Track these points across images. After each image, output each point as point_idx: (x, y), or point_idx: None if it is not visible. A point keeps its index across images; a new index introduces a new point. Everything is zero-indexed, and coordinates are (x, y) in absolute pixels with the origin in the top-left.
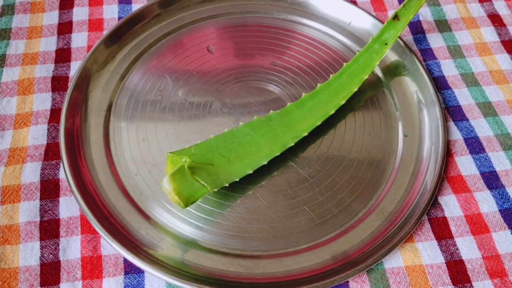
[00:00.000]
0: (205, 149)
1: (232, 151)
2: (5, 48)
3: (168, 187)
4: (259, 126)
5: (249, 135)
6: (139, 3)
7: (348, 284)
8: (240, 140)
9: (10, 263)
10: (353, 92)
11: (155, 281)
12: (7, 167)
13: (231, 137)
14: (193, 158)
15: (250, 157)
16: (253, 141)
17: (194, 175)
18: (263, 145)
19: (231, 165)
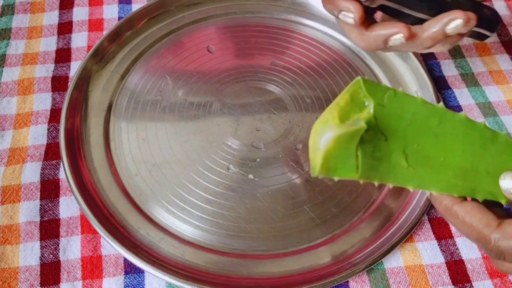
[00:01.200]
0: (394, 113)
1: (419, 143)
2: (5, 48)
3: (324, 144)
4: (472, 138)
5: (452, 136)
6: (139, 3)
7: (348, 284)
8: (437, 134)
9: (10, 263)
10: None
11: (155, 281)
12: (7, 167)
13: (436, 120)
14: (377, 113)
15: (429, 168)
16: (449, 149)
17: (360, 147)
18: (453, 166)
19: (402, 164)
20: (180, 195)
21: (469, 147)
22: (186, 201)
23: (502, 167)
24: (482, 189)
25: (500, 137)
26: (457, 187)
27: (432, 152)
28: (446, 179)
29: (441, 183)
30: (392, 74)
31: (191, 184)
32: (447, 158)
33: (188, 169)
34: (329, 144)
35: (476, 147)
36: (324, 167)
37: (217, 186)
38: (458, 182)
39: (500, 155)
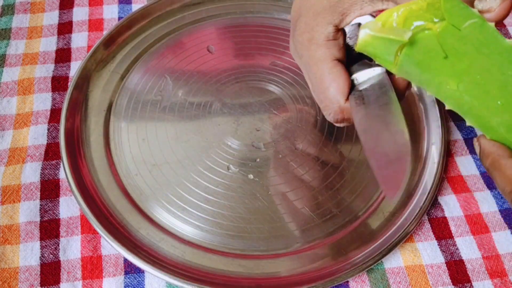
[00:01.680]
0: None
1: (483, 77)
2: (5, 48)
3: (361, 35)
4: None
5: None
6: (139, 3)
7: (348, 284)
8: (509, 82)
9: (10, 263)
10: None
11: (155, 281)
12: (7, 167)
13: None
14: (446, 33)
15: (481, 102)
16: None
17: (408, 49)
18: (507, 109)
19: (450, 85)
20: (180, 195)
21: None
22: (186, 201)
23: None
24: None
25: None
26: (494, 132)
27: (492, 91)
28: (488, 119)
29: (480, 119)
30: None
31: (191, 184)
32: (505, 104)
33: (188, 169)
34: (363, 38)
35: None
36: (361, 49)
37: (217, 186)
38: (500, 129)
39: None
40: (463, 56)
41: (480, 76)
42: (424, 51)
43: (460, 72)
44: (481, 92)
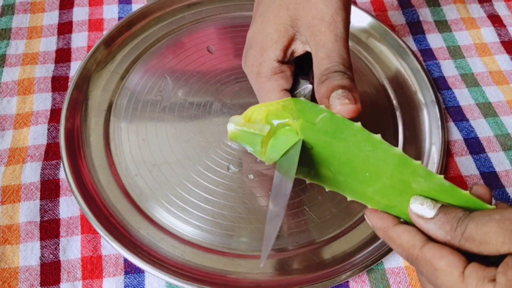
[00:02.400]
0: (325, 130)
1: (348, 157)
2: (5, 48)
3: (230, 128)
4: (403, 169)
5: (383, 163)
6: (139, 3)
7: (348, 284)
8: (369, 156)
9: (10, 263)
10: None
11: (155, 281)
12: (7, 167)
13: (370, 146)
14: (305, 128)
15: (351, 178)
16: (377, 170)
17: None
18: (376, 184)
19: (324, 172)
20: (180, 195)
21: (399, 175)
22: (186, 201)
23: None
24: (398, 210)
25: (434, 178)
26: (372, 200)
27: (358, 167)
28: (363, 192)
29: (357, 193)
30: (392, 74)
31: (191, 184)
32: (372, 175)
33: (188, 169)
34: (231, 131)
35: (405, 178)
36: (233, 139)
37: (217, 186)
38: (375, 197)
39: (430, 191)
40: (325, 144)
41: (345, 157)
42: (288, 144)
43: (328, 158)
44: (350, 170)
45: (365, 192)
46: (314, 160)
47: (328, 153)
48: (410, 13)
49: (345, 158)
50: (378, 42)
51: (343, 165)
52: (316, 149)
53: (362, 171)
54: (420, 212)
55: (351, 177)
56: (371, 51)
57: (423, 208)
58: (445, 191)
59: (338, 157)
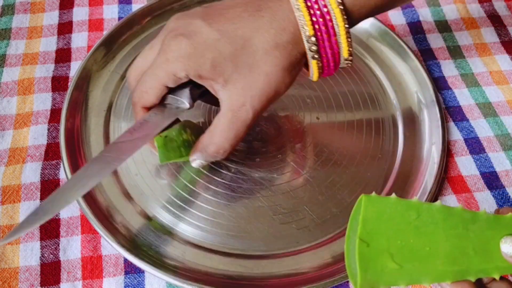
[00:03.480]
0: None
1: (401, 239)
2: (5, 48)
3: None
4: (452, 222)
5: (432, 226)
6: (139, 3)
7: (348, 284)
8: (418, 226)
9: (11, 263)
10: None
11: (155, 281)
12: (8, 167)
13: (414, 214)
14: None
15: (417, 261)
16: (432, 238)
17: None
18: (440, 254)
19: (389, 265)
20: (180, 195)
21: (451, 231)
22: (186, 201)
23: (488, 244)
24: (473, 269)
25: (479, 216)
26: (448, 273)
27: (416, 245)
28: (435, 268)
29: (431, 273)
30: (392, 74)
31: (191, 184)
32: (432, 247)
33: (188, 169)
34: None
35: (458, 230)
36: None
37: (217, 186)
38: (448, 268)
39: (483, 232)
40: (377, 233)
41: (399, 240)
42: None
43: (386, 247)
44: (410, 251)
45: (437, 268)
46: (377, 257)
47: (383, 243)
48: (410, 13)
49: (400, 240)
50: (378, 42)
51: (402, 250)
52: (372, 244)
53: (422, 248)
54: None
55: (416, 260)
56: (371, 51)
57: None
58: (502, 224)
59: (393, 242)
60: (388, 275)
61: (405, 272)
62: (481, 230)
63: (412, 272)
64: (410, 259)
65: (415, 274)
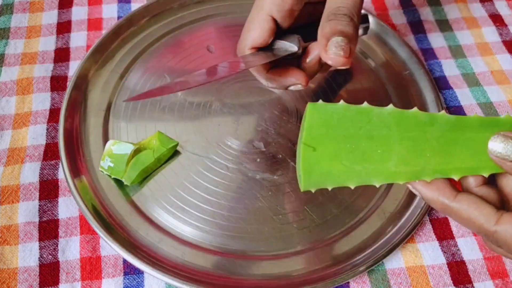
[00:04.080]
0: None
1: (351, 143)
2: (4, 47)
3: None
4: (406, 125)
5: (386, 129)
6: (138, 2)
7: (349, 284)
8: (369, 130)
9: (9, 264)
10: None
11: (154, 281)
12: (6, 167)
13: (364, 119)
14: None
15: (367, 163)
16: (385, 141)
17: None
18: (393, 156)
19: (337, 167)
20: (179, 195)
21: (405, 134)
22: (185, 202)
23: (450, 144)
24: (428, 170)
25: (439, 118)
26: (400, 174)
27: (368, 148)
28: (387, 170)
29: (383, 174)
30: (393, 74)
31: (190, 184)
32: (384, 150)
33: (187, 170)
34: None
35: (413, 133)
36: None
37: (217, 186)
38: (401, 169)
39: (444, 133)
40: (325, 138)
41: (349, 143)
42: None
43: (334, 152)
44: (361, 154)
45: (389, 170)
46: (323, 160)
47: (331, 147)
48: (411, 13)
49: (350, 144)
50: (379, 42)
51: (352, 153)
52: (320, 149)
53: (373, 150)
54: (505, 152)
55: (367, 162)
56: (372, 51)
57: (507, 146)
58: (463, 126)
59: (343, 146)
60: (336, 176)
61: (354, 173)
62: (440, 131)
63: (362, 173)
64: (360, 161)
65: (365, 175)
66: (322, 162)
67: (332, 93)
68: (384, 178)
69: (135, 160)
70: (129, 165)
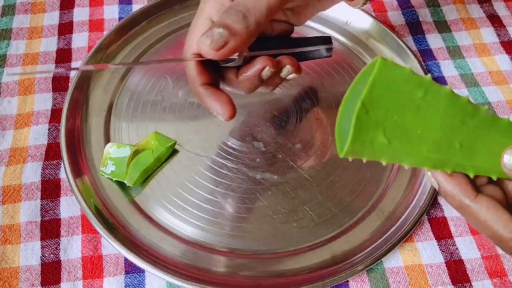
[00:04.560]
0: (381, 85)
1: (399, 115)
2: (6, 48)
3: None
4: (453, 111)
5: (434, 109)
6: (140, 3)
7: (348, 283)
8: (420, 106)
9: (11, 263)
10: None
11: (155, 280)
12: (8, 167)
13: (421, 92)
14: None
15: (405, 141)
16: (428, 122)
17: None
18: (429, 140)
19: (379, 139)
20: (180, 195)
21: (448, 121)
22: (186, 201)
23: (477, 141)
24: (453, 162)
25: (480, 112)
26: (429, 160)
27: (411, 125)
28: (420, 153)
29: (414, 156)
30: None
31: (191, 184)
32: (424, 131)
33: (188, 169)
34: None
35: (455, 121)
36: None
37: (217, 186)
38: (431, 155)
39: (477, 129)
40: (379, 103)
41: (396, 115)
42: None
43: (382, 119)
44: (403, 130)
45: (422, 154)
46: (371, 127)
47: (381, 114)
48: (409, 14)
49: (397, 116)
50: (378, 43)
51: (396, 126)
52: (372, 113)
53: (415, 129)
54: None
55: (406, 140)
56: (371, 51)
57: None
58: (494, 126)
59: (391, 116)
60: (375, 148)
61: (391, 149)
62: (475, 127)
63: (398, 150)
64: (400, 138)
65: (399, 154)
66: (369, 129)
67: (329, 93)
68: (414, 161)
69: (136, 161)
70: (129, 167)
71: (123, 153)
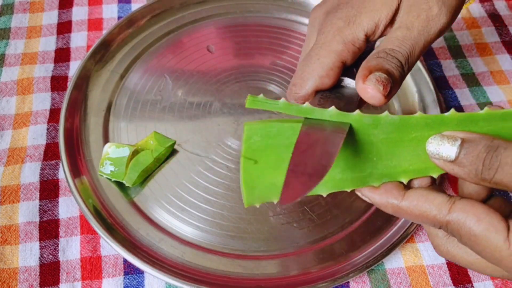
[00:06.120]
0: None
1: None
2: (4, 47)
3: None
4: (349, 129)
5: None
6: (139, 2)
7: (348, 284)
8: None
9: (10, 264)
10: None
11: (154, 281)
12: (7, 167)
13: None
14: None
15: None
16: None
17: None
18: (339, 163)
19: (281, 180)
20: (180, 195)
21: (349, 138)
22: (185, 202)
23: (394, 147)
24: (375, 175)
25: (381, 119)
26: (347, 181)
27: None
28: (332, 177)
29: (329, 182)
30: None
31: (190, 184)
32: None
33: (187, 170)
34: None
35: (357, 137)
36: None
37: (217, 186)
38: (347, 176)
39: (388, 135)
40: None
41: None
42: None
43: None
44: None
45: (334, 178)
46: (266, 172)
47: (273, 158)
48: None
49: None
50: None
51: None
52: (261, 161)
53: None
54: (445, 154)
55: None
56: None
57: (443, 148)
58: (408, 126)
59: (285, 156)
60: (280, 188)
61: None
62: (385, 133)
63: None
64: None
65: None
66: (265, 175)
67: None
68: (330, 186)
69: (135, 162)
70: (128, 167)
71: (122, 153)
